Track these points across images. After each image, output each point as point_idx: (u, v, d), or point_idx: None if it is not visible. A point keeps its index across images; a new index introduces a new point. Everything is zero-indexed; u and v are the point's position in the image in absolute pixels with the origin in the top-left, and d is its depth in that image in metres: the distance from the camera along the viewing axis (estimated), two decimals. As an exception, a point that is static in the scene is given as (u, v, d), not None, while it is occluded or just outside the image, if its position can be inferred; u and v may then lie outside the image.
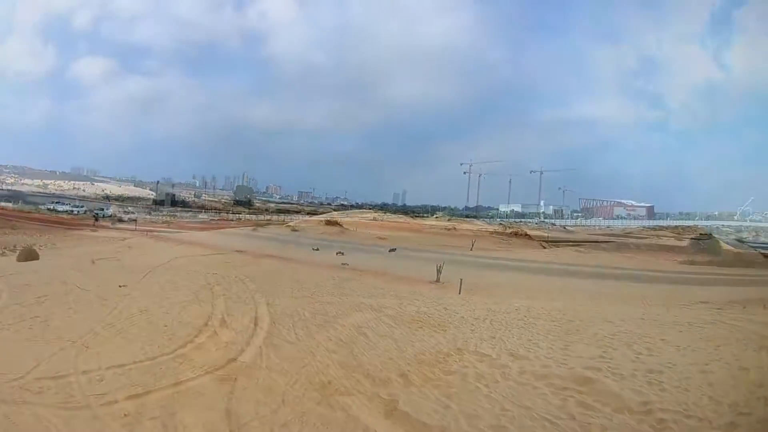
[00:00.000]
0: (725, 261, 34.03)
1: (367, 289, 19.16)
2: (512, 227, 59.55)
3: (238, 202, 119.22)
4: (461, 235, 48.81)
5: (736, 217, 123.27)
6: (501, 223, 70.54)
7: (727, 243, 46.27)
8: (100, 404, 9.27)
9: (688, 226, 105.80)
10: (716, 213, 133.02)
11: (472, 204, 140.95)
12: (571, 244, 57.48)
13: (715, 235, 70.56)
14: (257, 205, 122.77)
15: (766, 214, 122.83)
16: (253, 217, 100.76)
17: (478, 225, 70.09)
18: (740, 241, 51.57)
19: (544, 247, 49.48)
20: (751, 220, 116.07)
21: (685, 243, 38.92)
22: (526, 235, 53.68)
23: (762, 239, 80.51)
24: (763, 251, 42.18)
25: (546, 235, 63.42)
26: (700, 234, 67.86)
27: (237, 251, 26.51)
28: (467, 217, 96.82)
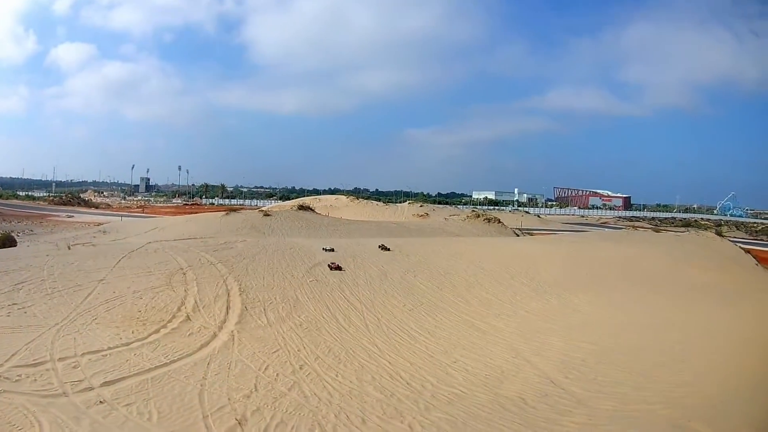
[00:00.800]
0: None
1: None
2: (485, 214, 59.03)
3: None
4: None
5: (715, 211, 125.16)
6: (474, 210, 70.22)
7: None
8: (76, 391, 9.43)
9: (666, 218, 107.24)
10: (695, 206, 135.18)
11: (444, 190, 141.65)
12: (545, 232, 57.65)
13: (694, 228, 71.07)
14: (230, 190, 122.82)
15: (746, 209, 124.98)
16: (226, 201, 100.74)
17: (451, 211, 70.16)
18: (719, 234, 51.63)
19: (518, 235, 48.87)
20: (731, 215, 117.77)
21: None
22: (498, 221, 53.43)
23: (741, 234, 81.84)
24: (741, 246, 41.78)
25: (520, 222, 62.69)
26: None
27: (210, 236, 26.32)
28: (439, 203, 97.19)
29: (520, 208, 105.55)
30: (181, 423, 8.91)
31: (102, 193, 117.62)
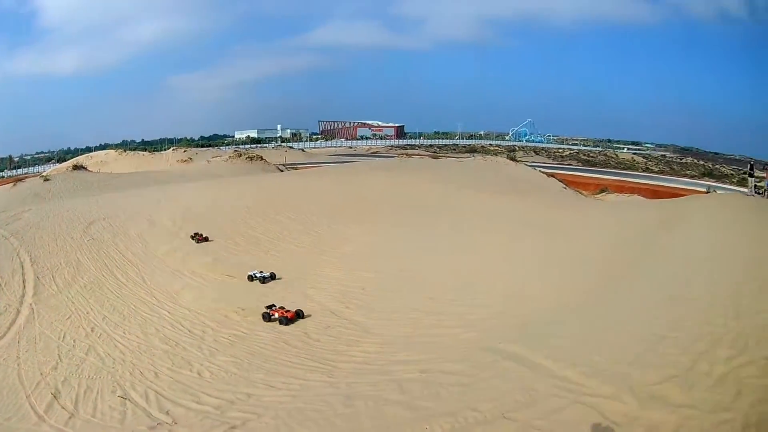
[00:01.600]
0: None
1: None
2: (247, 153, 57.74)
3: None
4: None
5: (507, 138, 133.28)
6: (236, 150, 69.47)
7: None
8: None
9: (447, 145, 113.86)
10: (481, 132, 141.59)
11: (207, 133, 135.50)
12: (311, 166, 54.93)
13: (480, 154, 73.87)
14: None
15: (548, 135, 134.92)
16: (14, 172, 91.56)
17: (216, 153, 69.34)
18: (513, 159, 51.84)
19: (281, 170, 48.41)
20: (527, 141, 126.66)
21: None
22: (261, 158, 52.24)
23: (543, 159, 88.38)
24: (542, 170, 43.72)
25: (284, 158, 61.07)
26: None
27: (1, 211, 24.96)
28: (202, 146, 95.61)
29: (283, 144, 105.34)
30: (12, 407, 10.56)
31: None
